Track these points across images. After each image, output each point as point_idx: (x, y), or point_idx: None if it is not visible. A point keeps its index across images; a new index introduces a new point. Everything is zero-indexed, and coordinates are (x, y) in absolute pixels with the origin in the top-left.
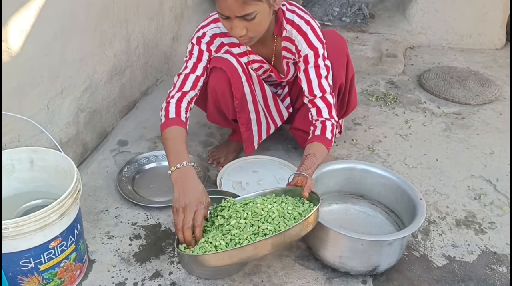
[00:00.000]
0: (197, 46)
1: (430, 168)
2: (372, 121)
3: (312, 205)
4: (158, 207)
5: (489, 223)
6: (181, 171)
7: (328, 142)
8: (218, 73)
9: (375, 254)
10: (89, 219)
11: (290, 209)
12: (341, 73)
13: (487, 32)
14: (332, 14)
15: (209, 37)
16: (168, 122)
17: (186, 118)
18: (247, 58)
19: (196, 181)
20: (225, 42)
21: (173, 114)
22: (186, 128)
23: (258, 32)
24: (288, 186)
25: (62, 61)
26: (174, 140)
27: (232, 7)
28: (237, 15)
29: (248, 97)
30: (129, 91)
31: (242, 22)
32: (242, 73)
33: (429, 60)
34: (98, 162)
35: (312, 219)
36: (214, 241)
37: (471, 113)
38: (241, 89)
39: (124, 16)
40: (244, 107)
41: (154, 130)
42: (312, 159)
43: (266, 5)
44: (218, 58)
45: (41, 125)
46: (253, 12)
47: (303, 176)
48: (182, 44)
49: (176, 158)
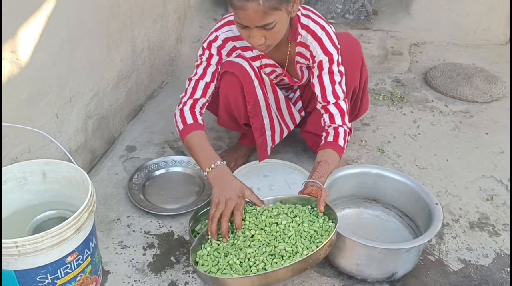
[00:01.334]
0: (208, 51)
1: (441, 168)
2: (380, 121)
3: (327, 218)
4: (170, 214)
5: (503, 224)
6: (216, 171)
7: (341, 149)
8: (230, 78)
9: (393, 261)
10: (101, 228)
11: (306, 225)
12: (355, 77)
13: (492, 27)
14: (335, 11)
15: (221, 41)
16: (188, 128)
17: (203, 121)
18: (259, 62)
19: (233, 178)
20: (238, 46)
21: (191, 120)
22: (206, 131)
23: (276, 40)
24: (301, 194)
25: (70, 68)
26: (201, 144)
27: (252, 18)
28: (257, 25)
29: (261, 103)
30: (135, 95)
31: (261, 31)
32: (254, 78)
33: (434, 57)
34: (107, 169)
35: (331, 242)
36: (229, 258)
37: (479, 111)
38: (254, 94)
39: (129, 20)
40: (258, 112)
41: (161, 135)
42: (325, 166)
43: (285, 13)
44: (230, 62)
45: (51, 134)
46: (273, 22)
47: (317, 187)
48: (186, 45)
49: (208, 159)
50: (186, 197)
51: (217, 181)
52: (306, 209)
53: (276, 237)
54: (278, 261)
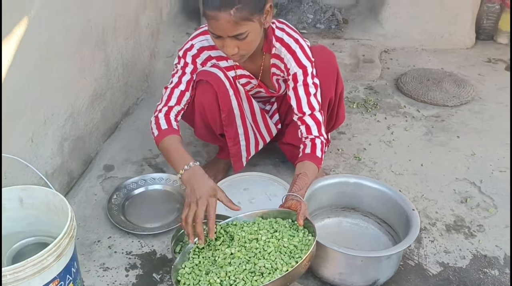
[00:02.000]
0: (183, 59)
1: (416, 173)
2: (355, 129)
3: (306, 232)
4: (151, 234)
5: (478, 226)
6: (189, 171)
7: (319, 160)
8: (204, 86)
9: (374, 269)
10: (82, 251)
11: (286, 240)
12: (331, 88)
13: (458, 32)
14: (307, 21)
15: (196, 50)
16: (162, 133)
17: (178, 126)
18: (234, 73)
19: (205, 177)
20: (213, 56)
21: (165, 125)
22: (180, 135)
23: (249, 50)
24: (281, 208)
25: (44, 91)
26: (174, 147)
27: (224, 28)
28: (229, 35)
29: (235, 112)
30: (111, 113)
31: (234, 41)
32: (229, 87)
33: (404, 63)
34: (86, 190)
35: (310, 256)
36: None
37: (450, 115)
38: (229, 103)
39: (102, 39)
40: (232, 121)
41: (139, 153)
42: (304, 178)
43: (257, 24)
44: (205, 71)
45: (26, 159)
46: (245, 32)
47: (297, 200)
48: (160, 60)
49: (181, 161)
50: (167, 214)
51: (189, 182)
52: (286, 223)
53: (256, 254)
54: (258, 279)
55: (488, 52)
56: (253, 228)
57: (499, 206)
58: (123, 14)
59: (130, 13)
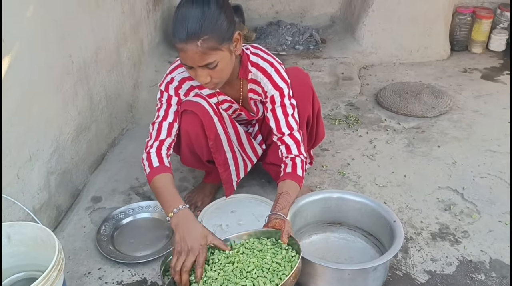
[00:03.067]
0: (166, 93)
1: (399, 185)
2: (338, 145)
3: (290, 249)
4: (141, 262)
5: (462, 232)
6: (179, 216)
7: (300, 179)
8: (189, 116)
9: (362, 281)
10: (73, 284)
11: (269, 258)
12: (307, 107)
13: (433, 45)
14: (286, 44)
15: (178, 82)
16: (154, 171)
17: (169, 163)
18: (216, 99)
19: (195, 223)
20: (195, 85)
21: (157, 163)
22: (172, 173)
23: (222, 78)
24: (265, 228)
25: (28, 127)
26: (165, 188)
27: (193, 58)
28: (199, 65)
29: (222, 138)
30: (96, 145)
31: (205, 71)
32: (213, 115)
33: (383, 77)
34: (74, 223)
35: (296, 273)
36: None
37: (430, 125)
38: (214, 130)
39: (84, 73)
40: (219, 147)
41: (126, 182)
42: (286, 197)
43: (227, 52)
44: (189, 102)
45: (13, 195)
46: (214, 61)
47: (281, 219)
48: (143, 90)
49: (171, 204)
50: (156, 241)
51: (179, 227)
52: (269, 242)
53: (236, 275)
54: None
55: (464, 63)
56: (234, 250)
57: (482, 211)
58: (103, 47)
59: (111, 46)
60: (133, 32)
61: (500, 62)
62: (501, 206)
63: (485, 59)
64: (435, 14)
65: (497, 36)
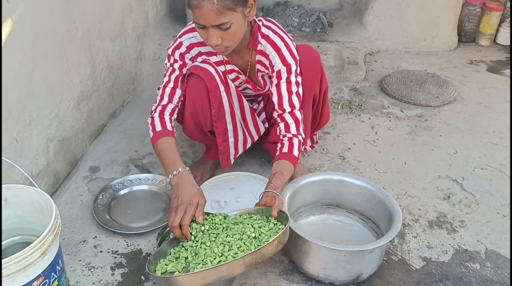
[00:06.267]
0: (172, 57)
1: (399, 171)
2: (340, 129)
3: (279, 223)
4: (137, 233)
5: (459, 221)
6: (178, 177)
7: (295, 160)
8: (196, 81)
9: (358, 263)
10: (68, 251)
11: (256, 227)
12: (314, 85)
13: (440, 34)
14: (292, 25)
15: (186, 48)
16: (157, 135)
17: (172, 127)
18: (224, 67)
19: (191, 184)
20: (203, 51)
21: (160, 127)
22: (174, 137)
23: (233, 42)
24: (257, 206)
25: (29, 92)
26: (167, 151)
27: (207, 17)
28: (213, 24)
29: (225, 108)
30: (97, 115)
31: (217, 31)
32: (220, 83)
33: (388, 65)
34: (71, 191)
35: (282, 237)
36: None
37: (433, 115)
38: (219, 98)
39: (87, 41)
40: (221, 117)
41: (125, 154)
42: (279, 177)
43: (240, 15)
44: (196, 66)
45: (11, 159)
46: (228, 22)
47: (272, 196)
48: (146, 63)
49: (172, 166)
50: (153, 214)
51: (177, 187)
52: (259, 216)
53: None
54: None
55: (470, 54)
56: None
57: (481, 202)
58: (108, 16)
59: (116, 16)
60: (139, 2)
61: (507, 56)
62: (500, 198)
63: (492, 52)
64: (444, 4)
65: (505, 30)
